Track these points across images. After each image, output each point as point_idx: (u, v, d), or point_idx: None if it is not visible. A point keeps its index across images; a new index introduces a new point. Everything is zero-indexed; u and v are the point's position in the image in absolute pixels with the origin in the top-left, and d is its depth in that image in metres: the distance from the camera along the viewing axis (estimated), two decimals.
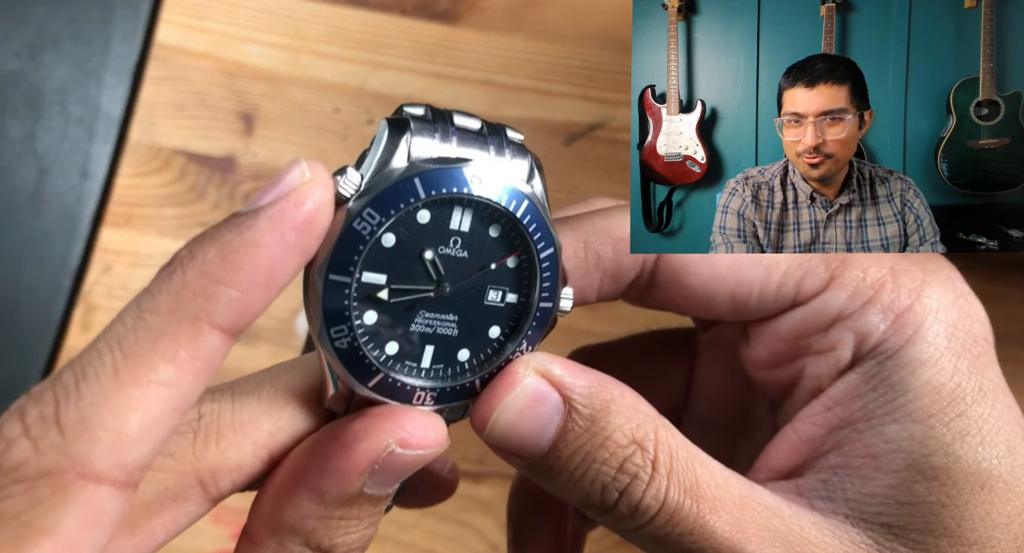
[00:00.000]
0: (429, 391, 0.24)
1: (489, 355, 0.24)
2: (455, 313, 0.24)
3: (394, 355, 0.23)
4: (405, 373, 0.24)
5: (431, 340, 0.24)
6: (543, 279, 0.24)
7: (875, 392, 0.27)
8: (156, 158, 0.56)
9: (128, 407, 0.19)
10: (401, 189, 0.22)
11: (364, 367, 0.23)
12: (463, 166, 0.23)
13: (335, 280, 0.22)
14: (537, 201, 0.24)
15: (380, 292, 0.23)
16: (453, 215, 0.23)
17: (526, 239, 0.24)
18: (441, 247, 0.23)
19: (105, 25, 0.56)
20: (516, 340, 0.24)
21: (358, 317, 0.22)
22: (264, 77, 0.56)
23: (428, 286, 0.23)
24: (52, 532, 0.19)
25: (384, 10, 0.57)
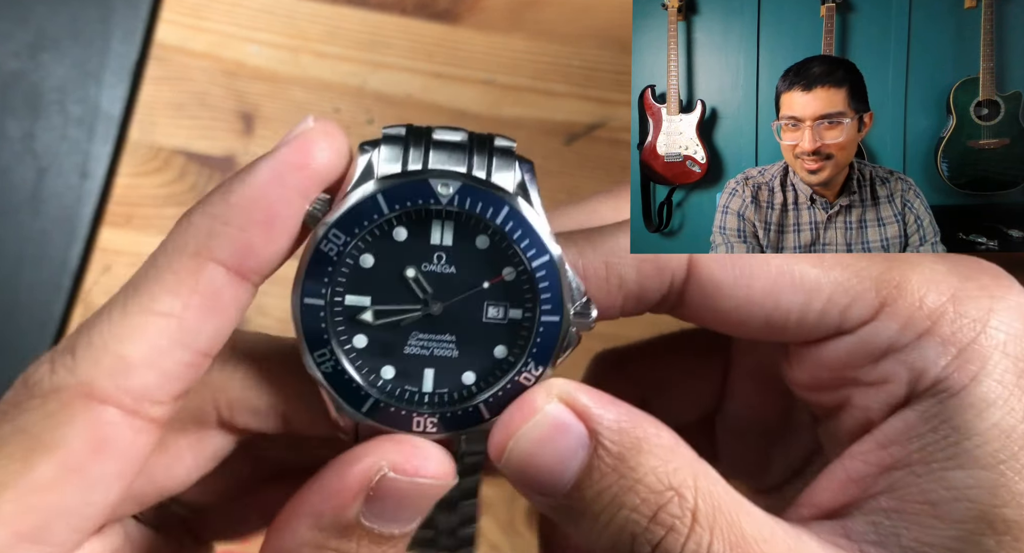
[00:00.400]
0: (429, 416, 0.22)
1: (497, 377, 0.23)
2: (452, 333, 0.23)
3: (392, 379, 0.23)
4: (406, 399, 0.23)
5: (430, 363, 0.23)
6: (541, 291, 0.22)
7: (935, 433, 0.24)
8: (156, 158, 0.56)
9: (130, 334, 0.20)
10: (364, 206, 0.22)
11: (354, 392, 0.22)
12: (430, 177, 0.22)
13: (309, 303, 0.22)
14: (523, 208, 0.22)
15: (365, 314, 0.22)
16: (432, 230, 0.22)
17: (516, 250, 0.22)
18: (425, 264, 0.22)
19: (105, 25, 0.56)
20: (523, 358, 0.23)
21: (345, 341, 0.22)
22: (264, 77, 0.56)
23: (415, 305, 0.22)
24: (58, 448, 0.19)
25: (384, 10, 0.57)
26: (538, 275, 0.22)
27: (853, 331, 0.25)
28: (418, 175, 0.22)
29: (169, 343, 0.20)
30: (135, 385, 0.20)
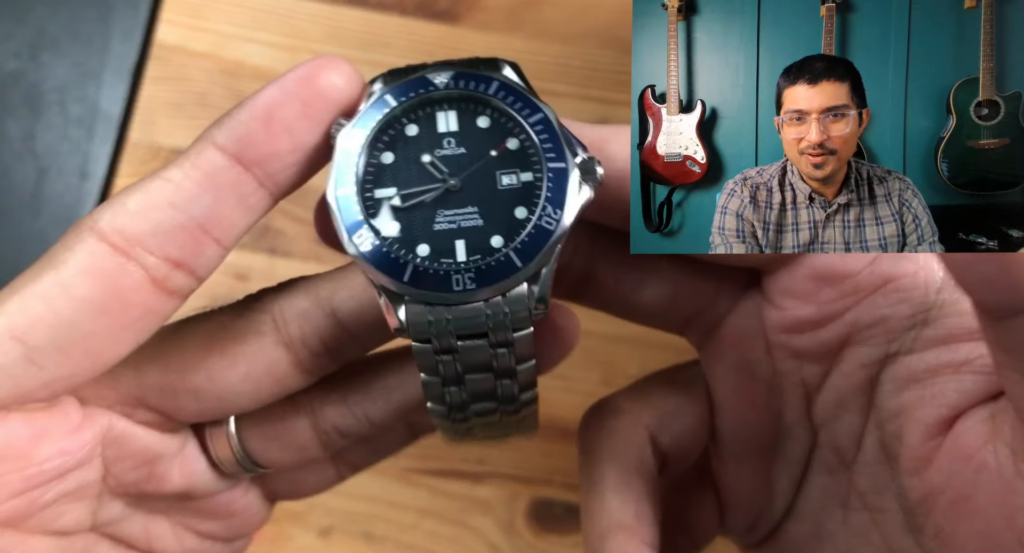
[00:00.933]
0: (465, 273, 0.24)
1: (521, 233, 0.24)
2: (474, 205, 0.24)
3: (427, 255, 0.24)
4: (443, 266, 0.24)
5: (459, 234, 0.24)
6: (543, 144, 0.24)
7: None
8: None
9: (133, 189, 0.24)
10: (375, 106, 0.25)
11: (394, 263, 0.24)
12: (426, 72, 0.25)
13: (342, 194, 0.24)
14: (510, 80, 0.25)
15: (393, 200, 0.24)
16: (438, 119, 0.25)
17: (512, 115, 0.24)
18: (437, 150, 0.25)
19: (104, 25, 0.56)
20: (539, 205, 0.24)
21: (379, 224, 0.24)
22: (264, 77, 0.56)
23: (436, 184, 0.25)
24: (58, 265, 0.23)
25: (384, 10, 0.57)
26: (536, 130, 0.24)
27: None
28: (417, 72, 0.25)
29: (162, 200, 0.24)
30: (125, 226, 0.23)
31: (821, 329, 0.26)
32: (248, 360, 0.26)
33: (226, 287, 0.52)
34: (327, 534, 0.50)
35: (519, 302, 0.24)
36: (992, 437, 0.23)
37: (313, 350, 0.26)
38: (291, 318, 0.26)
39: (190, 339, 0.27)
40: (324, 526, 0.50)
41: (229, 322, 0.27)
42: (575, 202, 0.24)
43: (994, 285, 0.19)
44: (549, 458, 0.49)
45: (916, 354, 0.25)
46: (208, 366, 0.26)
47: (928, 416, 0.25)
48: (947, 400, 0.24)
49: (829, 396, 0.27)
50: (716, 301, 0.28)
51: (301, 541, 0.50)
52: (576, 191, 0.24)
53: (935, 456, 0.24)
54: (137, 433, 0.27)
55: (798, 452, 0.29)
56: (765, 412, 0.29)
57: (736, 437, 0.29)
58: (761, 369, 0.28)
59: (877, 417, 0.26)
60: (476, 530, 0.50)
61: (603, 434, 0.28)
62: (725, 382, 0.29)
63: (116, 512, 0.28)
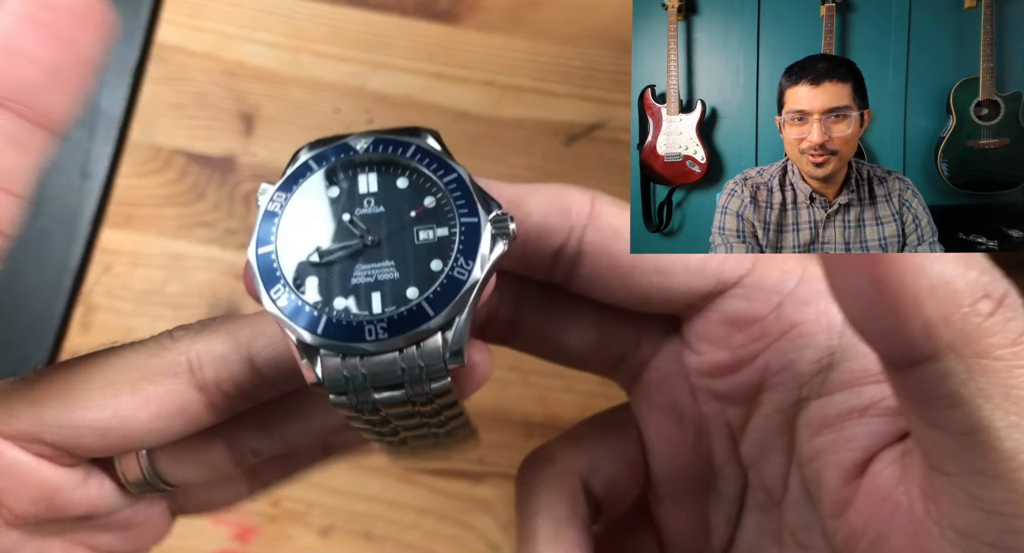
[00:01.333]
0: (378, 323, 0.24)
1: (434, 283, 0.25)
2: (391, 258, 0.25)
3: (343, 309, 0.25)
4: (357, 318, 0.24)
5: (375, 287, 0.25)
6: (456, 201, 0.25)
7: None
8: (156, 158, 0.56)
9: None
10: (299, 170, 0.26)
11: (308, 317, 0.24)
12: (349, 138, 0.26)
13: (262, 253, 0.25)
14: (426, 145, 0.26)
15: (312, 256, 0.25)
16: (359, 181, 0.26)
17: (428, 176, 0.25)
18: (357, 209, 0.26)
19: None
20: (452, 257, 0.25)
21: (297, 282, 0.25)
22: (264, 77, 0.56)
23: (355, 242, 0.25)
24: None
25: (384, 10, 0.57)
26: (450, 189, 0.25)
27: (735, 284, 0.26)
28: (339, 139, 0.26)
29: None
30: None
31: (736, 373, 0.27)
32: (160, 401, 0.26)
33: (227, 287, 0.52)
34: (327, 534, 0.50)
35: (434, 354, 0.24)
36: (904, 478, 0.23)
37: (228, 393, 0.26)
38: (208, 362, 0.26)
39: (98, 375, 0.26)
40: (324, 526, 0.50)
41: (143, 361, 0.26)
42: (487, 254, 0.24)
43: (892, 338, 0.20)
44: None
45: (825, 398, 0.26)
46: (117, 404, 0.26)
47: (843, 460, 0.25)
48: (859, 444, 0.25)
49: (753, 437, 0.27)
50: (639, 346, 0.29)
51: (301, 541, 0.50)
52: (488, 244, 0.25)
53: (854, 498, 0.25)
54: (32, 466, 0.26)
55: (731, 491, 0.29)
56: (695, 453, 0.29)
57: (669, 478, 0.30)
58: (687, 411, 0.28)
59: (798, 459, 0.27)
60: (476, 530, 0.50)
61: (536, 484, 0.28)
62: (654, 424, 0.29)
63: (11, 541, 0.27)
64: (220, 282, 0.53)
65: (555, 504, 0.28)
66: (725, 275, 0.26)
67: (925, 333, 0.19)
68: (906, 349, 0.20)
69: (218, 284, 0.53)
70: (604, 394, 0.51)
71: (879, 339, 0.21)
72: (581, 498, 0.28)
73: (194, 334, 0.27)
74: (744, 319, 0.26)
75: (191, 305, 0.53)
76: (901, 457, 0.24)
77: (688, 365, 0.28)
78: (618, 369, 0.30)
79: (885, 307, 0.19)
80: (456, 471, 0.51)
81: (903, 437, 0.24)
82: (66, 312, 0.53)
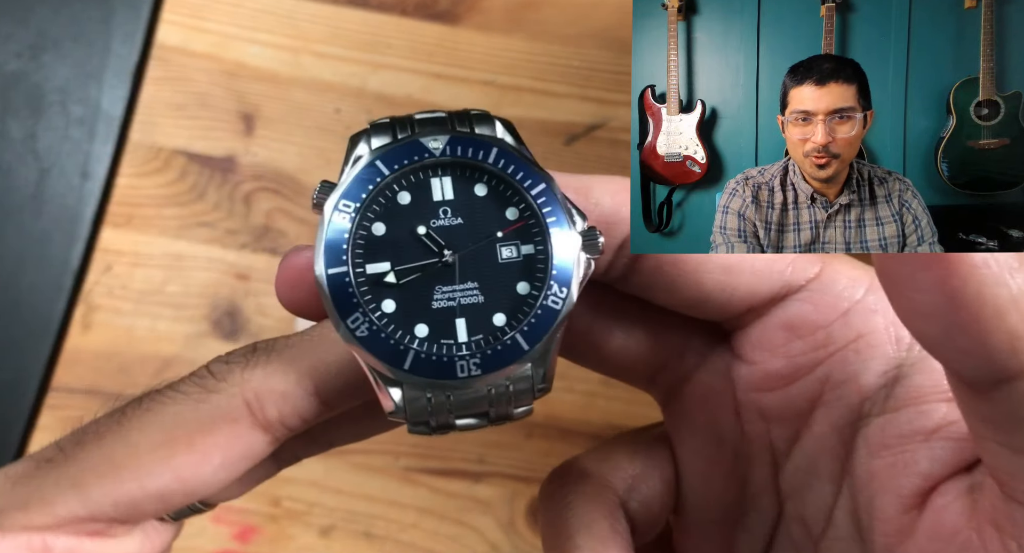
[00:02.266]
0: (470, 359, 0.23)
1: (526, 312, 0.23)
2: (474, 280, 0.23)
3: (426, 336, 0.23)
4: (444, 350, 0.23)
5: (459, 312, 0.23)
6: (546, 217, 0.23)
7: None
8: (156, 158, 0.56)
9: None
10: (366, 173, 0.23)
11: (393, 350, 0.22)
12: (420, 137, 0.23)
13: (333, 273, 0.23)
14: (509, 146, 0.23)
15: (387, 277, 0.23)
16: (432, 187, 0.23)
17: (512, 184, 0.23)
18: (433, 221, 0.23)
19: (106, 26, 0.56)
20: (546, 284, 0.23)
21: (374, 307, 0.23)
22: (264, 77, 0.56)
23: (432, 259, 0.23)
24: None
25: (384, 10, 0.57)
26: (539, 202, 0.23)
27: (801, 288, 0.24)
28: (408, 138, 0.23)
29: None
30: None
31: (792, 385, 0.25)
32: (222, 450, 0.23)
33: (228, 287, 0.52)
34: (328, 533, 0.50)
35: (524, 386, 0.23)
36: (974, 513, 0.21)
37: (293, 427, 0.24)
38: (269, 401, 0.23)
39: (142, 438, 0.23)
40: (325, 525, 0.50)
41: (191, 411, 0.23)
42: (579, 276, 0.23)
43: (972, 356, 0.18)
44: (549, 457, 0.49)
45: (888, 415, 0.24)
46: (175, 465, 0.23)
47: (902, 486, 0.23)
48: (921, 469, 0.23)
49: (799, 462, 0.25)
50: (684, 355, 0.27)
51: (302, 540, 0.50)
52: (579, 264, 0.23)
53: (912, 532, 0.23)
54: (88, 548, 0.24)
55: (762, 525, 0.27)
56: (730, 479, 0.27)
57: (699, 505, 0.27)
58: (727, 431, 0.26)
59: (850, 485, 0.24)
60: (476, 529, 0.50)
61: (571, 500, 0.26)
62: (690, 444, 0.27)
63: None
64: (220, 282, 0.53)
65: (596, 522, 0.25)
66: (792, 277, 0.24)
67: (1011, 349, 0.18)
68: (989, 367, 0.18)
69: (218, 284, 0.53)
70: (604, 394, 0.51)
71: (957, 357, 0.19)
72: (621, 517, 0.26)
73: (244, 368, 0.24)
74: (807, 325, 0.24)
75: (191, 305, 0.53)
76: (970, 490, 0.22)
77: (737, 377, 0.26)
78: (656, 380, 0.28)
79: (963, 323, 0.18)
80: (456, 471, 0.51)
81: (970, 467, 0.22)
82: (66, 312, 0.53)
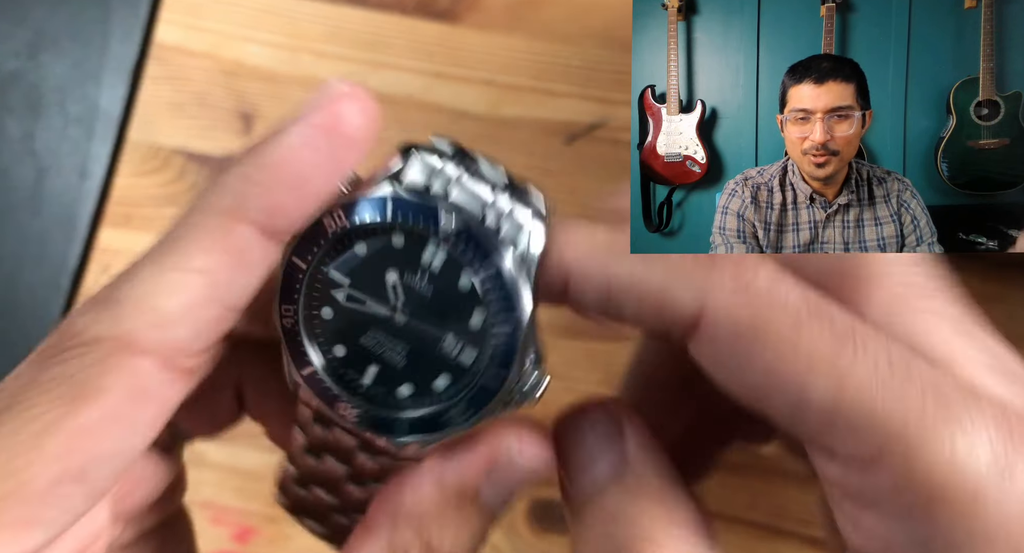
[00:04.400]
0: (353, 407, 0.23)
1: (428, 404, 0.23)
2: (407, 344, 0.23)
3: (339, 358, 0.23)
4: (343, 380, 0.23)
5: (377, 360, 0.23)
6: (494, 347, 0.22)
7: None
8: (155, 158, 0.55)
9: (167, 289, 0.21)
10: (372, 204, 0.23)
11: (302, 355, 0.23)
12: (442, 205, 0.22)
13: (294, 262, 0.23)
14: (512, 268, 0.22)
15: (339, 292, 0.23)
16: (426, 249, 0.23)
17: (492, 300, 0.22)
18: (408, 275, 0.23)
19: (104, 25, 0.56)
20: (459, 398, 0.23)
21: (313, 307, 0.23)
22: (264, 77, 0.56)
23: (383, 307, 0.23)
24: (101, 395, 0.20)
25: (384, 10, 0.57)
26: (494, 331, 0.22)
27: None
28: (432, 199, 0.23)
29: (203, 299, 0.21)
30: (172, 338, 0.21)
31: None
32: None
33: None
34: None
35: (381, 455, 0.24)
36: None
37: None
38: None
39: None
40: None
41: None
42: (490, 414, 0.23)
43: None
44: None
45: None
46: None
47: None
48: None
49: None
50: None
51: (301, 541, 0.50)
52: (498, 405, 0.23)
53: None
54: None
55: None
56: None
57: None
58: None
59: None
60: None
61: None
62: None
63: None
64: None
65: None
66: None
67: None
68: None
69: None
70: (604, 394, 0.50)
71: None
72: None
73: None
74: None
75: None
76: None
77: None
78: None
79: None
80: None
81: None
82: (64, 311, 0.53)
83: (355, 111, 0.22)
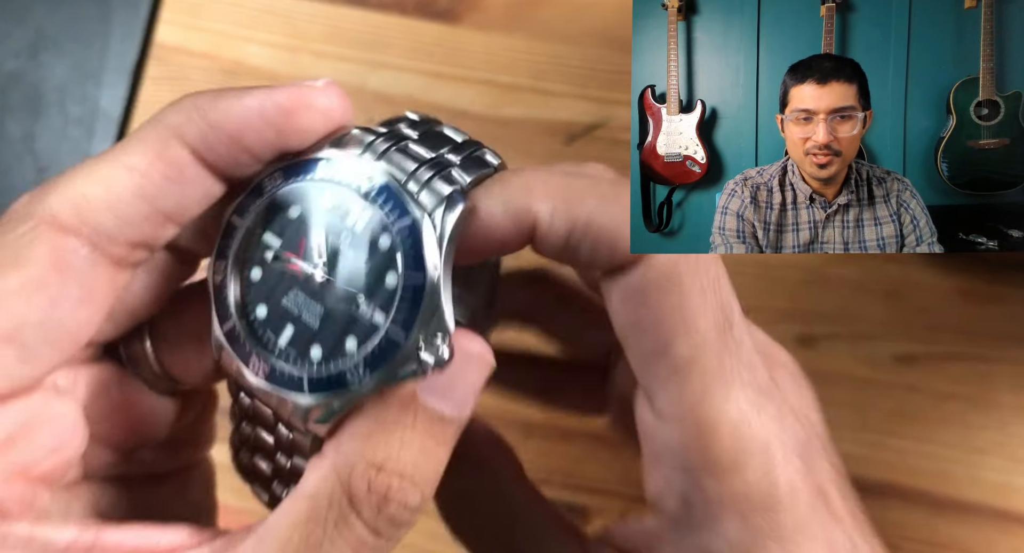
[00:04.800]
0: (263, 363, 0.24)
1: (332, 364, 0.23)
2: (323, 306, 0.23)
3: (261, 319, 0.24)
4: (259, 339, 0.24)
5: (294, 322, 0.24)
6: (398, 308, 0.22)
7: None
8: None
9: (96, 178, 0.23)
10: (307, 164, 0.24)
11: (225, 311, 0.24)
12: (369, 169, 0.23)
13: (231, 221, 0.24)
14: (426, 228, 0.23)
15: (268, 253, 0.24)
16: (351, 210, 0.23)
17: (403, 260, 0.23)
18: (332, 237, 0.23)
19: (104, 25, 0.56)
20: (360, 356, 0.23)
21: (244, 267, 0.24)
22: (263, 77, 0.56)
23: (308, 268, 0.24)
24: (24, 263, 0.22)
25: (384, 10, 0.57)
26: (405, 291, 0.22)
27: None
28: (361, 163, 0.24)
29: (128, 192, 0.23)
30: (95, 221, 0.23)
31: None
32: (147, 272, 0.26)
33: None
34: None
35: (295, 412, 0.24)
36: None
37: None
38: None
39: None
40: None
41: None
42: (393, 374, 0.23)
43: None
44: (549, 458, 0.49)
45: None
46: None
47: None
48: None
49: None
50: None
51: None
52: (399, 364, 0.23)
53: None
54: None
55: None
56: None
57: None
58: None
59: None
60: None
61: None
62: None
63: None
64: None
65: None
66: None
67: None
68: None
69: None
70: None
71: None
72: None
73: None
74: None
75: None
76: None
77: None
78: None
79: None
80: None
81: None
82: None
83: (319, 106, 0.24)
